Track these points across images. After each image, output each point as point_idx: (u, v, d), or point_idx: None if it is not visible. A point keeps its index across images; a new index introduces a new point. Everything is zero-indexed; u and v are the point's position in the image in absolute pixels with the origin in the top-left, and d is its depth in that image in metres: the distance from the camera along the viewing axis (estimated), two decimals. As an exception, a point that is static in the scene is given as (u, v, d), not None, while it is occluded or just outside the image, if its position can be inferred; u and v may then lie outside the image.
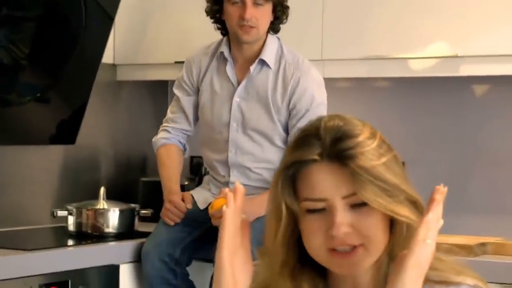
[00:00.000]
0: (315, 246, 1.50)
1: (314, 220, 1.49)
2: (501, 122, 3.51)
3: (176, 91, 3.41)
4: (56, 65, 3.52)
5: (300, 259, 1.55)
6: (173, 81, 3.88)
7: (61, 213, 3.33)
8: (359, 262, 1.49)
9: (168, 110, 3.46)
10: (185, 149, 3.43)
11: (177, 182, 3.32)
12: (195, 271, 3.28)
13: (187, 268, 3.27)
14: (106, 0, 3.53)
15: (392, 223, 1.51)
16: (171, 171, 3.34)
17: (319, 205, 1.48)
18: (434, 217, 1.45)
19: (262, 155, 3.23)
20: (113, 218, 3.36)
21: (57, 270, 2.98)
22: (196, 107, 3.37)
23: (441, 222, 1.45)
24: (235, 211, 1.51)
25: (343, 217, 1.47)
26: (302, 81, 3.16)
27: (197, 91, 3.36)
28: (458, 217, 3.32)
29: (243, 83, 3.24)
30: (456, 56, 3.26)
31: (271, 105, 3.19)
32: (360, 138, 1.47)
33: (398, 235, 1.49)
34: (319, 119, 1.53)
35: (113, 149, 3.99)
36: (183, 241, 3.22)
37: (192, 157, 3.96)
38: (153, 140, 3.44)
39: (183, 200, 3.25)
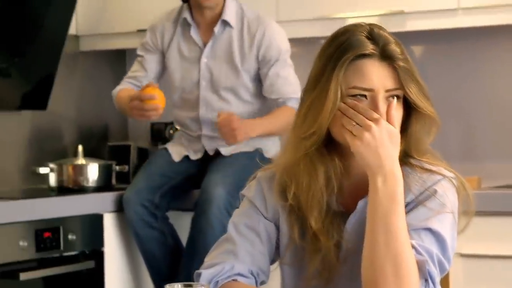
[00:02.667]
0: (344, 127, 1.76)
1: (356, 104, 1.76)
2: (442, 74, 3.79)
3: (139, 52, 3.60)
4: (23, 39, 3.67)
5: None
6: (132, 50, 4.07)
7: (43, 170, 3.49)
8: None
9: (129, 71, 3.64)
10: None
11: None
12: (173, 219, 3.48)
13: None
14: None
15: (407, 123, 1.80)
16: (126, 93, 3.48)
17: (365, 93, 1.76)
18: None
19: (232, 111, 3.47)
20: (92, 173, 3.55)
21: (47, 217, 3.18)
22: (159, 64, 3.57)
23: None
24: None
25: (383, 105, 1.75)
26: (268, 33, 3.42)
27: (161, 52, 3.56)
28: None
29: (209, 43, 3.48)
30: (402, 12, 3.55)
31: (237, 60, 3.42)
32: (401, 48, 1.77)
33: (420, 129, 1.80)
34: (359, 25, 1.80)
35: (77, 115, 4.14)
36: (161, 188, 3.43)
37: (152, 124, 4.16)
38: (112, 92, 3.59)
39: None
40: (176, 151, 3.53)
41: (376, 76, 1.76)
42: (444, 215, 1.76)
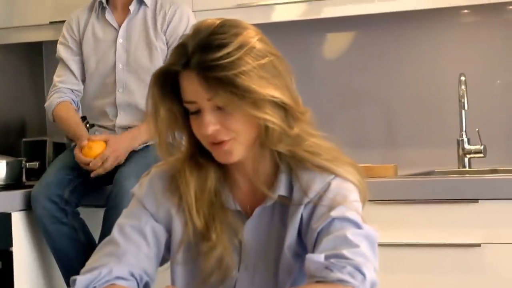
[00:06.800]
0: (200, 140, 1.74)
1: (195, 119, 1.71)
2: (362, 64, 3.78)
3: (60, 53, 3.51)
4: None
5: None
6: (48, 42, 3.98)
7: None
8: (231, 152, 1.71)
9: (54, 76, 3.54)
10: (78, 107, 3.53)
11: (82, 128, 3.41)
12: (85, 216, 3.40)
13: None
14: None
15: None
16: (72, 122, 3.43)
17: (193, 106, 1.69)
18: None
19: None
20: (0, 170, 3.44)
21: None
22: (82, 65, 3.50)
23: None
24: None
25: (210, 117, 1.68)
26: (178, 12, 3.41)
27: (80, 44, 3.49)
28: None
29: (124, 24, 3.45)
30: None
31: (152, 38, 3.39)
32: (222, 51, 1.64)
33: (269, 130, 1.70)
34: (195, 24, 1.72)
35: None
36: (71, 183, 3.33)
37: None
38: (46, 104, 3.51)
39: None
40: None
41: (194, 87, 1.68)
42: (344, 206, 1.71)
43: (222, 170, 1.79)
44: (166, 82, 1.73)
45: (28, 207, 3.32)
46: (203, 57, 1.65)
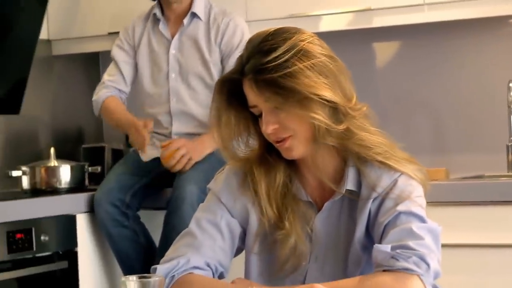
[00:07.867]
0: (268, 139, 1.85)
1: (260, 121, 1.83)
2: (410, 72, 3.86)
3: (114, 54, 3.64)
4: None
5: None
6: (105, 52, 4.11)
7: (15, 173, 3.52)
8: (292, 149, 1.83)
9: (105, 74, 3.66)
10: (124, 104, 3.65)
11: (130, 116, 3.51)
12: (145, 218, 3.52)
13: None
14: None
15: None
16: (123, 114, 3.54)
17: (255, 110, 1.82)
18: None
19: (200, 99, 3.51)
20: (65, 174, 3.58)
21: (19, 218, 3.20)
22: (133, 68, 3.62)
23: None
24: None
25: (268, 117, 1.80)
26: (232, 24, 3.50)
27: (133, 49, 3.61)
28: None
29: (177, 35, 3.55)
30: (369, 9, 3.59)
31: (204, 50, 3.49)
32: (271, 55, 1.75)
33: (315, 127, 1.80)
34: (252, 36, 1.85)
35: (51, 119, 4.17)
36: (132, 188, 3.45)
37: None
38: (94, 98, 3.61)
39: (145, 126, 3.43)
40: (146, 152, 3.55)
41: (252, 92, 1.80)
42: (409, 201, 1.81)
43: (292, 167, 1.90)
44: (231, 91, 1.85)
45: (91, 209, 3.44)
46: (254, 62, 1.77)
